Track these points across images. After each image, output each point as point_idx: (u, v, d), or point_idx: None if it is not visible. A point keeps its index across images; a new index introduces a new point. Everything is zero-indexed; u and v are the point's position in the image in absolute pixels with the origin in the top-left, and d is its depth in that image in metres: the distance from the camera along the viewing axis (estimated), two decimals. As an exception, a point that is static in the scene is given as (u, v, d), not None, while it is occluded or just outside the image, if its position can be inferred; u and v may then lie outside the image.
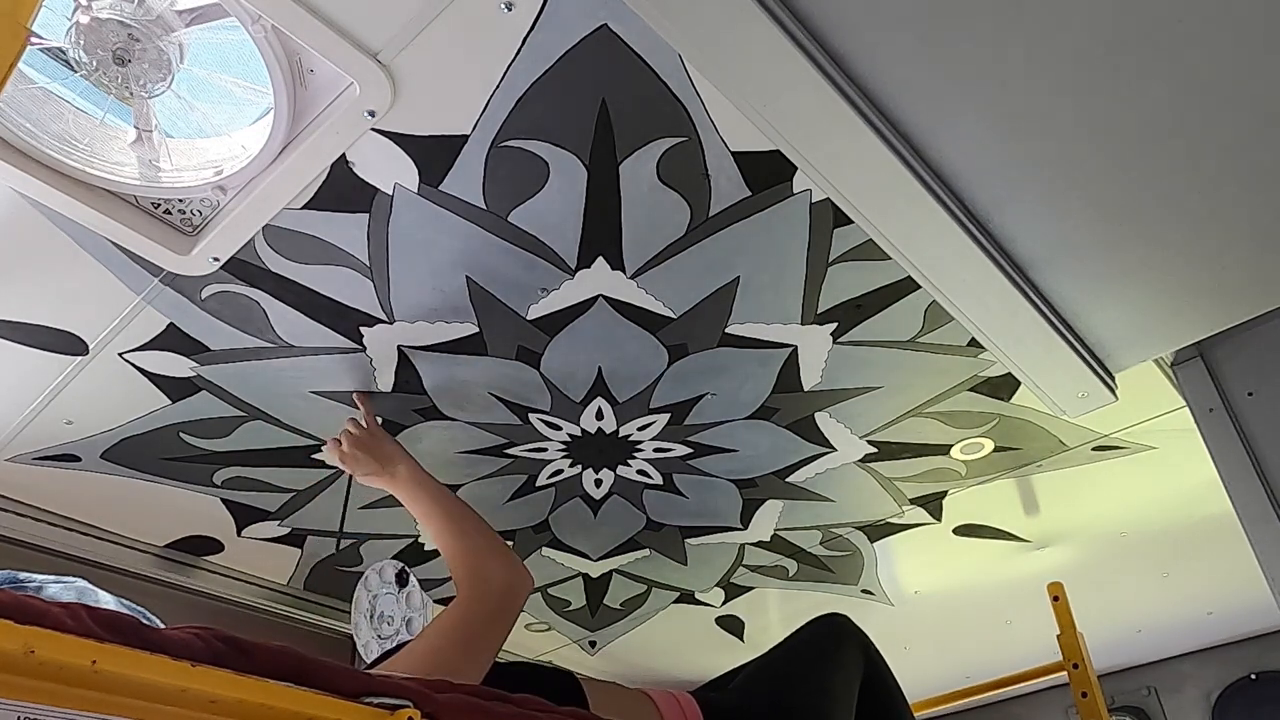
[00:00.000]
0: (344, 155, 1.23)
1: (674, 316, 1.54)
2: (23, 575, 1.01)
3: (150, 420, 1.66)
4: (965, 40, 1.02)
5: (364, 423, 1.62)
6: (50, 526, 1.85)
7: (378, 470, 1.56)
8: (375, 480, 1.58)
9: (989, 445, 1.99)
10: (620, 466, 1.96)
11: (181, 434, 1.71)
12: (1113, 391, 1.50)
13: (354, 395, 1.66)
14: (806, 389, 1.75)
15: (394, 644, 1.60)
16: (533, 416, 1.77)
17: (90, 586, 1.03)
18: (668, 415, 1.80)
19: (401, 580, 1.69)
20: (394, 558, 2.19)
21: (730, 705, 1.47)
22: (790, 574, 2.49)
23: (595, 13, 1.08)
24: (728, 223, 1.37)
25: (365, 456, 1.56)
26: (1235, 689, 3.24)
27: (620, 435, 1.85)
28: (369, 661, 1.55)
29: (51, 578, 1.03)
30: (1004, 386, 1.79)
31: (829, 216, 1.37)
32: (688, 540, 2.27)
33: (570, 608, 2.56)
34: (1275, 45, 1.02)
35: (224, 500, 1.91)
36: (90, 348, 1.49)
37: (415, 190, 1.29)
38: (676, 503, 2.10)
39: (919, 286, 1.40)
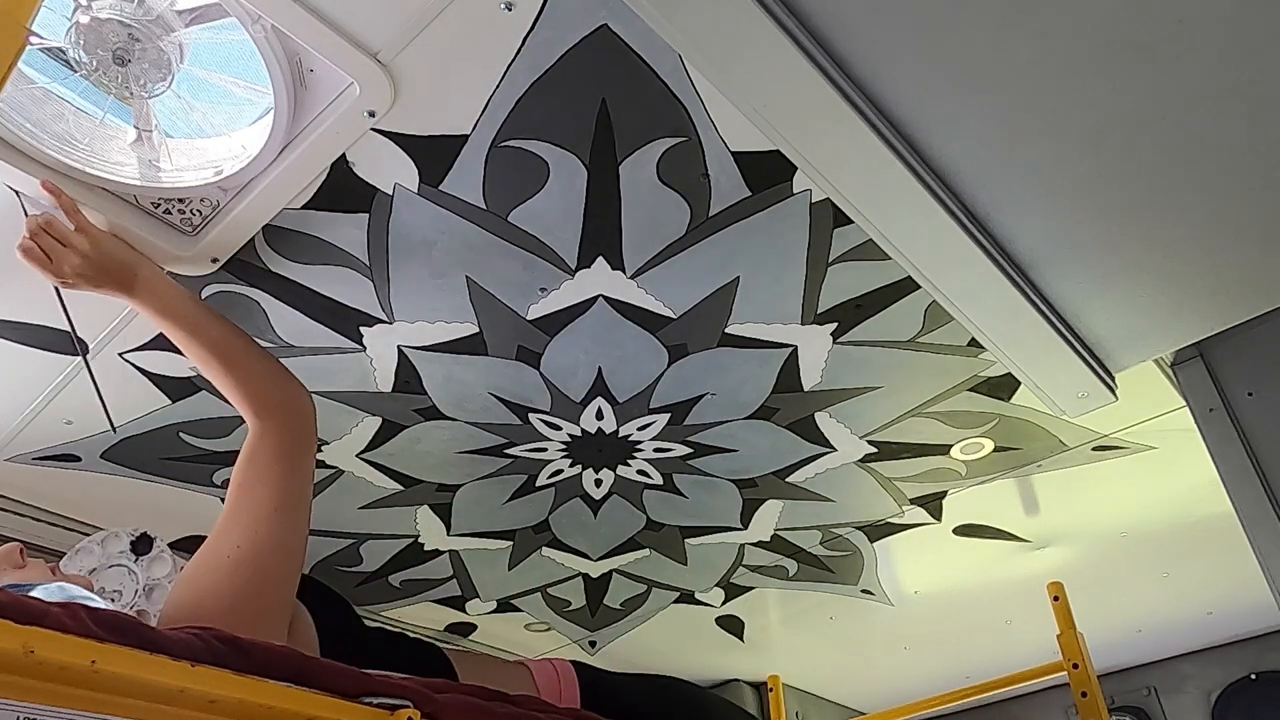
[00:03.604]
0: (344, 155, 1.23)
1: (674, 316, 1.54)
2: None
3: (150, 420, 1.67)
4: (965, 40, 1.02)
5: (69, 223, 1.20)
6: (50, 526, 1.85)
7: (112, 276, 1.22)
8: (106, 290, 1.24)
9: (989, 445, 1.99)
10: (620, 466, 1.96)
11: (181, 434, 1.71)
12: (1113, 391, 1.50)
13: (40, 184, 1.18)
14: (806, 389, 1.75)
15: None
16: (533, 416, 1.77)
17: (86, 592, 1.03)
18: (668, 415, 1.80)
19: (140, 548, 1.43)
20: (393, 558, 2.19)
21: (609, 680, 1.45)
22: (790, 574, 2.49)
23: (595, 13, 1.08)
24: (728, 223, 1.37)
25: (96, 263, 1.20)
26: (1235, 689, 3.23)
27: (620, 435, 1.85)
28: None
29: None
30: (1004, 386, 1.79)
31: (829, 216, 1.37)
32: (688, 540, 2.27)
33: (570, 608, 2.56)
34: (1275, 44, 1.02)
35: (224, 500, 1.90)
36: (90, 348, 1.49)
37: (415, 190, 1.29)
38: (676, 503, 2.10)
39: (919, 286, 1.40)
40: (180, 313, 1.25)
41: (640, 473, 1.98)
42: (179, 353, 1.51)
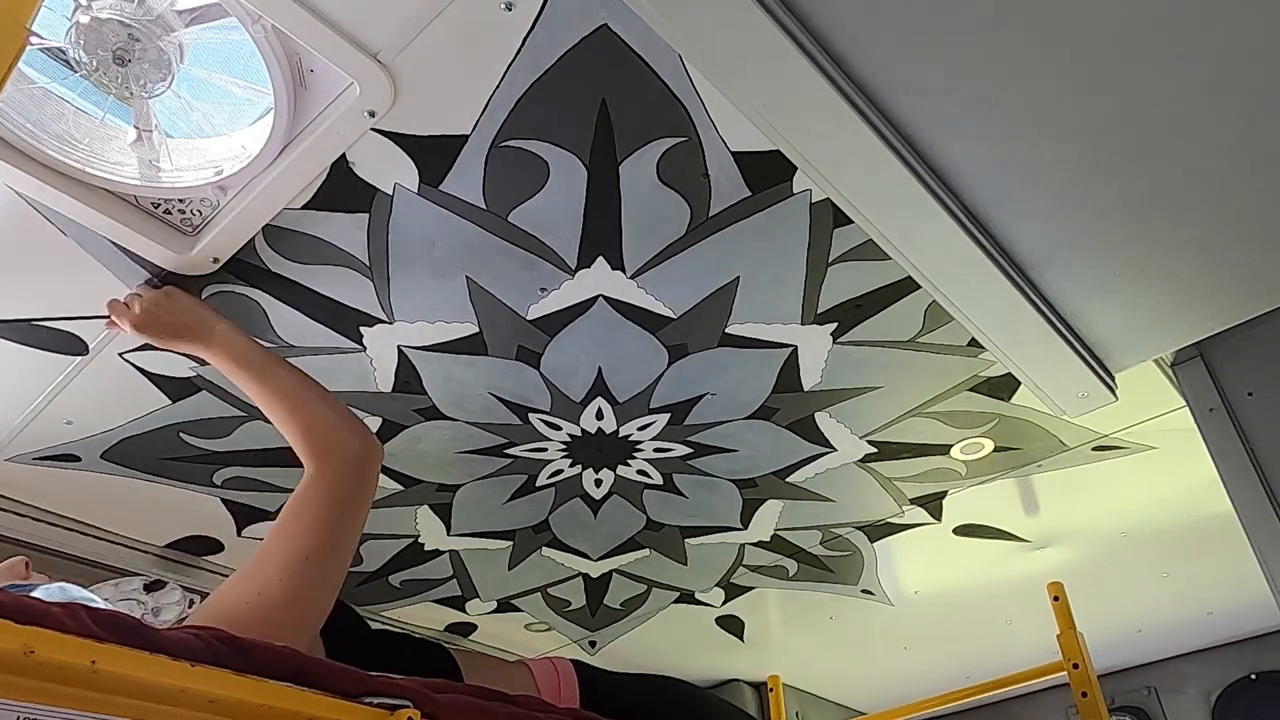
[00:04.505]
0: (344, 155, 1.23)
1: (674, 316, 1.54)
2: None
3: (150, 420, 1.66)
4: (965, 40, 1.02)
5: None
6: (50, 526, 1.84)
7: (187, 328, 1.34)
8: (184, 343, 1.36)
9: (989, 445, 1.99)
10: (620, 466, 1.96)
11: (181, 434, 1.71)
12: (1113, 391, 1.50)
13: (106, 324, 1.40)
14: (806, 389, 1.75)
15: None
16: (533, 416, 1.77)
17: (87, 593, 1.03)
18: (668, 415, 1.80)
19: (152, 587, 1.44)
20: (393, 558, 2.19)
21: (609, 679, 1.45)
22: (790, 574, 2.49)
23: (595, 13, 1.08)
24: (728, 223, 1.37)
25: (167, 313, 1.34)
26: (1235, 689, 3.23)
27: (620, 435, 1.85)
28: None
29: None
30: (1004, 386, 1.79)
31: (829, 216, 1.37)
32: (688, 540, 2.27)
33: (570, 608, 2.56)
34: (1275, 44, 1.02)
35: (224, 500, 1.91)
36: (90, 348, 1.49)
37: (415, 190, 1.29)
38: (676, 503, 2.10)
39: (919, 286, 1.40)
40: (253, 364, 1.31)
41: (640, 473, 1.98)
42: (178, 352, 1.52)
